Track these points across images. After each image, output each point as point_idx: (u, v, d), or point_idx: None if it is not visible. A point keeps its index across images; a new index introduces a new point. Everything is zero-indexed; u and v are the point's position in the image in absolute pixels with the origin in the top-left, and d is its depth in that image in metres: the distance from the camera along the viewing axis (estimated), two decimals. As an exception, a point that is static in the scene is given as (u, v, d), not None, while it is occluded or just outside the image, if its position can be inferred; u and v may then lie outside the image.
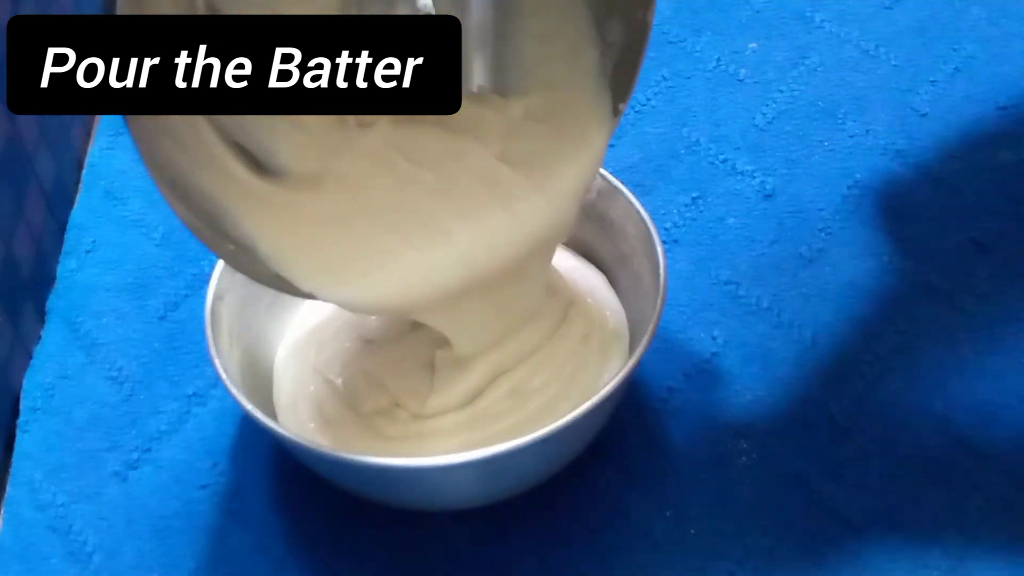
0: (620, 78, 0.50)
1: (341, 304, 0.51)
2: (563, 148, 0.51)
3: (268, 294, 0.56)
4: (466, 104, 0.46)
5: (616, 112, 0.50)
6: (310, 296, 0.49)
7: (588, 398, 0.48)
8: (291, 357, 0.55)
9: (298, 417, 0.53)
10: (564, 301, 0.54)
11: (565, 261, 0.57)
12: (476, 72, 0.52)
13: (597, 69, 0.50)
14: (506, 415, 0.51)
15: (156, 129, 0.44)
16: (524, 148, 0.51)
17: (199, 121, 0.45)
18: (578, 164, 0.51)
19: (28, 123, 0.62)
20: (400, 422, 0.52)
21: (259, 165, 0.48)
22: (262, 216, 0.48)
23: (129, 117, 0.43)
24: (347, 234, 0.49)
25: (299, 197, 0.48)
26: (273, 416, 0.53)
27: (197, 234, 0.46)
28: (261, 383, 0.54)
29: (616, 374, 0.49)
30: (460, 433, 0.51)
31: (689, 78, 0.69)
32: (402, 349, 0.54)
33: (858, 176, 0.63)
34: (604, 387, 0.48)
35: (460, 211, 0.50)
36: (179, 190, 0.45)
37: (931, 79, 0.67)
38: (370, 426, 0.52)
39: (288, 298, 0.57)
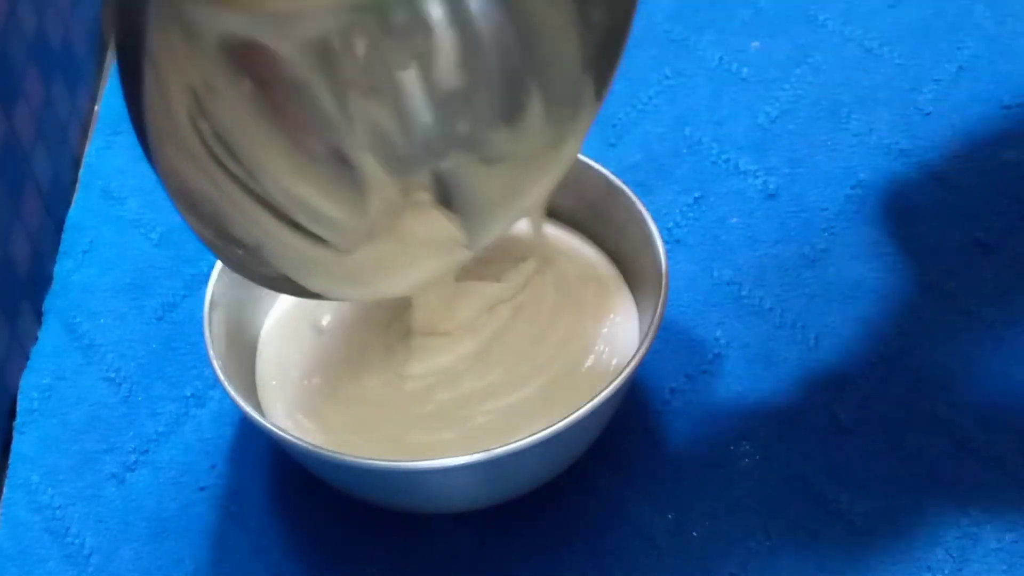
0: (602, 63, 0.49)
1: (350, 300, 0.53)
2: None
3: (266, 293, 0.56)
4: None
5: (599, 97, 0.49)
6: (318, 296, 0.50)
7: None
8: (262, 352, 0.55)
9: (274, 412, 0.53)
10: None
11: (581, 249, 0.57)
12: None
13: (578, 52, 0.49)
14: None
15: (164, 137, 0.44)
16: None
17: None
18: (561, 149, 0.50)
19: (25, 121, 0.61)
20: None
21: None
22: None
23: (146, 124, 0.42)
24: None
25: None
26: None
27: (204, 241, 0.46)
28: (259, 384, 0.54)
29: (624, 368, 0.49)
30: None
31: (691, 77, 0.69)
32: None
33: (861, 176, 0.63)
34: (605, 388, 0.48)
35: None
36: (187, 198, 0.45)
37: (935, 78, 0.67)
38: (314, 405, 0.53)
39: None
